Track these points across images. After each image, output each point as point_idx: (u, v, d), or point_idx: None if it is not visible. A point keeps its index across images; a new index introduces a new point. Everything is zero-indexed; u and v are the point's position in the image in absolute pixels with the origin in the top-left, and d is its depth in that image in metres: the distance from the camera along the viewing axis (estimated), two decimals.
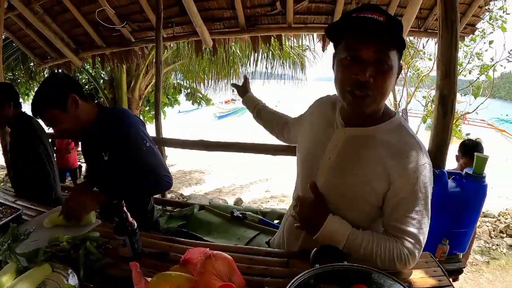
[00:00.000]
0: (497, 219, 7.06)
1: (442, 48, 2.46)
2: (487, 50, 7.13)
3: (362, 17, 1.03)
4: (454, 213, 2.38)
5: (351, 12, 1.07)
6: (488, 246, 5.79)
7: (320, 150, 1.26)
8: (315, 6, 3.85)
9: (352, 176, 1.19)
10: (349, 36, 1.07)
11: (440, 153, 2.50)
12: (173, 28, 4.34)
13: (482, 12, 4.21)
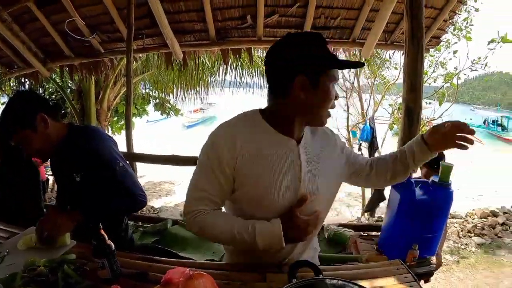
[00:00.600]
0: (464, 219, 7.24)
1: (408, 63, 2.56)
2: (451, 59, 7.47)
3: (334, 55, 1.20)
4: (422, 220, 2.44)
5: (325, 44, 1.18)
6: (457, 246, 5.95)
7: (290, 167, 1.25)
8: (285, 20, 3.94)
9: (328, 178, 1.34)
10: (334, 67, 1.19)
11: None
12: (143, 40, 4.29)
13: (447, 25, 4.41)
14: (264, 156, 1.21)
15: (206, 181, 1.24)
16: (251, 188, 1.23)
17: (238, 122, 1.24)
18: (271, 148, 1.22)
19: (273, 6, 3.81)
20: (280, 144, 1.23)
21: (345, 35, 4.19)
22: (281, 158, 1.22)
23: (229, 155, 1.19)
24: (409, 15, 2.52)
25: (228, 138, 1.20)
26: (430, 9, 4.01)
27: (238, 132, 1.21)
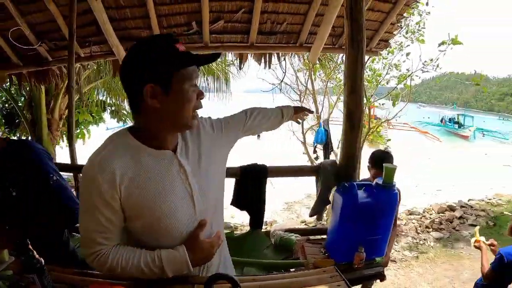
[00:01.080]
0: (422, 215, 7.49)
1: (349, 66, 2.58)
2: (404, 61, 7.73)
3: (187, 52, 1.14)
4: (367, 222, 2.44)
5: (173, 44, 1.13)
6: (416, 242, 6.13)
7: (179, 189, 1.23)
8: (231, 26, 3.92)
9: (212, 169, 1.34)
10: (180, 67, 1.13)
11: (349, 166, 2.62)
12: (90, 48, 4.15)
13: (395, 29, 4.51)
14: (146, 178, 1.15)
15: (94, 220, 1.15)
16: (144, 217, 1.18)
17: (109, 149, 1.15)
18: (150, 166, 1.17)
19: (218, 12, 3.77)
20: (158, 159, 1.19)
21: (292, 40, 4.21)
22: (164, 173, 1.19)
23: (110, 187, 1.11)
24: (349, 18, 2.53)
25: (105, 168, 1.10)
26: (378, 12, 4.10)
27: (112, 159, 1.12)
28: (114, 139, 1.19)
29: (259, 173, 2.69)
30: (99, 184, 1.09)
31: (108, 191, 1.10)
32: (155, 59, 1.09)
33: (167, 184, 1.18)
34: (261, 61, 4.36)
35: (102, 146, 1.17)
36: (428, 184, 12.63)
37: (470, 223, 6.86)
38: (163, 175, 1.18)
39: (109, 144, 1.17)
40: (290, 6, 3.84)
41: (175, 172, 1.21)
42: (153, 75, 1.09)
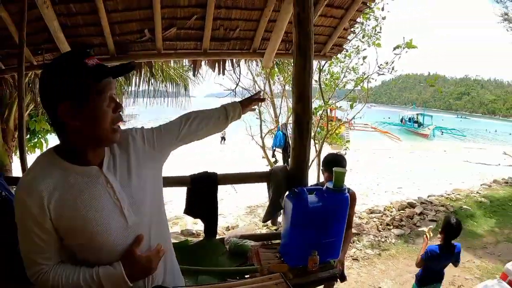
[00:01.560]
0: (383, 213, 7.64)
1: (296, 74, 2.62)
2: (362, 64, 7.94)
3: (98, 65, 1.13)
4: (319, 226, 2.48)
5: (82, 60, 1.11)
6: (377, 240, 6.25)
7: (110, 210, 1.22)
8: (184, 33, 3.90)
9: (144, 181, 1.33)
10: (101, 84, 1.14)
11: (300, 172, 2.66)
12: (43, 55, 4.01)
13: (348, 34, 4.63)
14: (74, 197, 1.15)
15: (30, 242, 1.16)
16: (77, 236, 1.18)
17: (36, 170, 1.16)
18: (77, 185, 1.17)
19: (171, 19, 3.74)
20: (84, 177, 1.19)
21: (246, 46, 4.24)
22: (91, 191, 1.18)
23: (39, 209, 1.11)
24: (297, 26, 2.58)
25: (32, 191, 1.11)
26: (330, 18, 4.20)
27: (39, 180, 1.12)
28: (40, 160, 1.19)
29: (209, 181, 2.69)
30: (28, 207, 1.10)
31: (38, 214, 1.11)
32: (64, 77, 1.08)
33: (95, 201, 1.18)
34: (215, 67, 4.36)
35: (31, 166, 1.18)
36: (389, 182, 12.98)
37: (430, 218, 7.09)
38: (90, 192, 1.18)
39: (35, 166, 1.17)
40: (242, 13, 3.87)
41: (102, 188, 1.21)
42: (64, 93, 1.09)
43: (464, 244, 5.98)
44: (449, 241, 3.43)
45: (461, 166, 17.42)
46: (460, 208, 7.64)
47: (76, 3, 3.49)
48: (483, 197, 8.57)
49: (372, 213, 7.75)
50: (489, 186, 10.23)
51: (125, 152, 1.32)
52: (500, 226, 6.88)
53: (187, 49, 4.07)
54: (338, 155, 3.17)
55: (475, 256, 5.58)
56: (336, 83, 8.18)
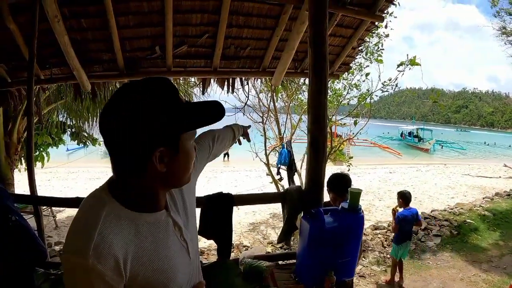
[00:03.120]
0: (387, 229, 7.60)
1: (312, 95, 2.63)
2: (364, 81, 8.03)
3: (190, 103, 1.03)
4: (335, 246, 2.50)
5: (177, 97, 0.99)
6: (383, 256, 6.20)
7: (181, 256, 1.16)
8: (194, 50, 3.91)
9: (194, 212, 1.32)
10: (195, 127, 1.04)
11: (315, 193, 2.65)
12: (50, 70, 4.01)
13: (356, 53, 4.66)
14: (148, 250, 1.01)
15: None
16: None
17: (101, 228, 0.92)
18: (150, 236, 1.03)
19: (182, 36, 3.76)
20: (155, 225, 1.06)
21: (255, 65, 4.26)
22: (163, 239, 1.07)
23: (114, 274, 0.92)
24: (312, 47, 2.61)
25: (104, 256, 0.90)
26: (339, 38, 4.22)
27: (110, 242, 0.92)
28: (100, 211, 0.96)
29: (225, 202, 2.67)
30: (101, 274, 0.89)
31: (113, 278, 0.91)
32: (165, 120, 0.94)
33: (168, 250, 1.08)
34: (224, 85, 4.37)
35: (86, 224, 0.94)
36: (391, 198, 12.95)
37: (435, 233, 7.05)
38: (163, 241, 1.07)
39: (95, 221, 0.93)
40: (254, 32, 3.89)
41: (171, 232, 1.11)
42: (165, 139, 0.95)
43: (469, 258, 5.98)
44: (407, 206, 5.15)
45: (463, 180, 17.42)
46: (464, 222, 7.60)
47: (87, 18, 3.50)
48: (486, 211, 8.54)
49: (377, 229, 7.71)
50: (491, 199, 10.22)
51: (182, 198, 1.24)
52: (505, 239, 6.87)
53: (197, 66, 4.07)
54: (343, 175, 3.17)
55: (481, 270, 5.56)
56: (339, 100, 8.24)
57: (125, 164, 0.98)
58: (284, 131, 9.02)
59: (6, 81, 4.15)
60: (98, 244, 0.89)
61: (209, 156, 1.56)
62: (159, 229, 1.06)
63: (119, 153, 0.97)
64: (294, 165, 6.92)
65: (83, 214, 0.97)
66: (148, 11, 3.51)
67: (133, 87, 0.96)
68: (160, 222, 1.07)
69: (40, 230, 3.52)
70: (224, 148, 1.73)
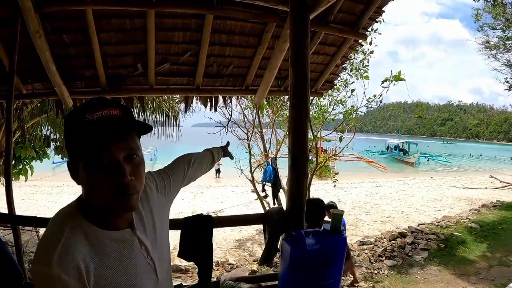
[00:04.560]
0: (374, 244, 7.58)
1: (293, 115, 2.62)
2: (350, 97, 8.13)
3: (101, 120, 1.00)
4: (317, 269, 2.46)
5: (83, 113, 1.00)
6: (370, 272, 6.17)
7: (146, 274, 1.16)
8: (177, 68, 3.88)
9: (165, 233, 1.32)
10: (95, 143, 0.99)
11: (297, 214, 2.62)
12: (32, 85, 3.94)
13: (339, 70, 4.68)
14: (111, 266, 1.03)
15: None
16: None
17: (65, 240, 0.97)
18: (113, 253, 1.05)
19: (165, 54, 3.73)
20: (118, 242, 1.08)
21: (238, 83, 4.24)
22: (127, 256, 1.09)
23: (79, 284, 0.94)
24: (293, 67, 2.60)
25: (67, 266, 0.93)
26: (323, 55, 4.24)
27: (72, 251, 0.96)
28: (65, 225, 1.01)
29: (204, 224, 2.62)
30: (65, 283, 0.92)
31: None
32: (68, 135, 1.05)
33: (132, 268, 1.09)
34: (207, 103, 4.34)
35: (52, 237, 0.99)
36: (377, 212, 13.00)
37: (422, 247, 7.06)
38: (127, 259, 1.09)
39: (60, 232, 0.99)
40: (236, 50, 3.88)
41: (137, 251, 1.13)
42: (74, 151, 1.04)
43: (457, 271, 6.00)
44: None
45: (449, 192, 17.61)
46: (451, 235, 7.66)
47: (70, 34, 3.46)
48: (473, 222, 8.63)
49: (363, 244, 7.69)
50: (478, 210, 10.34)
51: (147, 206, 1.25)
52: (492, 250, 6.91)
53: (180, 84, 4.04)
54: (312, 200, 3.23)
55: (469, 282, 5.57)
56: (325, 116, 8.29)
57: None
58: (269, 147, 9.03)
59: None
60: (61, 255, 0.94)
61: (184, 180, 1.58)
62: (124, 246, 1.09)
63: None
64: (279, 182, 6.91)
65: (50, 229, 1.02)
66: (131, 28, 3.48)
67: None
68: (125, 240, 1.10)
69: (18, 250, 3.41)
70: (201, 172, 1.76)
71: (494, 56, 15.04)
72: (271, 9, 3.29)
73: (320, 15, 3.01)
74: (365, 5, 3.61)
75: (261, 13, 3.44)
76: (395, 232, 8.19)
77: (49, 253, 0.94)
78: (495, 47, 14.76)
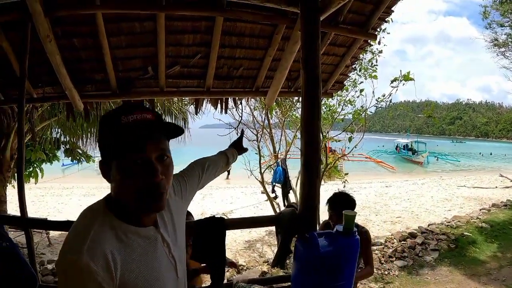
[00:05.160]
0: (384, 245, 7.52)
1: (305, 117, 2.62)
2: (358, 96, 8.06)
3: (136, 122, 1.07)
4: (330, 270, 2.46)
5: (119, 116, 1.07)
6: (380, 273, 6.11)
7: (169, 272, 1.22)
8: (187, 71, 3.89)
9: (183, 233, 1.37)
10: (131, 144, 1.06)
11: (309, 216, 2.61)
12: (43, 88, 3.97)
13: (349, 71, 4.66)
14: (136, 260, 1.08)
15: None
16: None
17: (94, 232, 1.02)
18: (139, 248, 1.11)
19: (175, 57, 3.74)
20: (144, 238, 1.14)
21: (248, 85, 4.25)
22: (152, 252, 1.15)
23: (107, 274, 0.98)
24: (305, 71, 2.60)
25: (96, 255, 0.97)
26: (332, 56, 4.23)
27: (101, 243, 1.01)
28: (95, 219, 1.07)
29: (216, 227, 2.63)
30: (94, 272, 0.95)
31: (104, 279, 0.96)
32: (103, 136, 1.12)
33: (156, 263, 1.15)
34: (217, 105, 4.35)
35: (82, 229, 1.04)
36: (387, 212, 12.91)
37: (432, 248, 6.96)
38: (151, 254, 1.14)
39: (90, 227, 1.04)
40: (246, 52, 3.89)
41: (160, 248, 1.18)
42: (108, 153, 1.10)
43: (468, 271, 5.91)
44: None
45: (459, 191, 17.41)
46: (461, 235, 7.54)
47: (79, 38, 3.49)
48: (483, 222, 8.48)
49: (374, 245, 7.62)
50: (488, 210, 10.17)
51: (167, 207, 1.29)
52: (503, 251, 6.79)
53: (190, 86, 4.06)
54: (347, 195, 3.11)
55: (480, 283, 5.48)
56: (334, 116, 8.25)
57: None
58: (279, 149, 9.02)
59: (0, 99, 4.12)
60: (91, 246, 0.98)
61: (199, 184, 1.63)
62: (149, 243, 1.15)
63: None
64: (288, 183, 6.90)
65: (81, 221, 1.08)
66: (141, 31, 3.50)
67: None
68: (149, 237, 1.16)
69: (31, 253, 3.44)
70: (215, 175, 1.81)
71: (503, 53, 14.91)
72: (281, 10, 3.30)
73: (330, 16, 3.00)
74: (375, 5, 3.60)
75: (271, 15, 3.44)
76: (405, 232, 8.10)
77: (79, 243, 0.99)
78: (503, 45, 14.63)
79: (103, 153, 1.12)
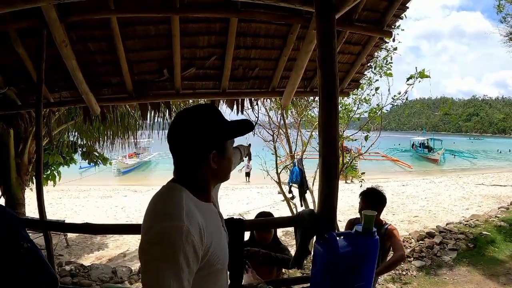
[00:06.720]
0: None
1: (323, 117, 2.59)
2: (374, 94, 8.03)
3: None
4: (350, 271, 2.43)
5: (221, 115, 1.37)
6: (398, 273, 6.05)
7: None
8: (202, 72, 3.91)
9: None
10: (237, 136, 1.38)
11: (328, 216, 2.59)
12: (59, 93, 4.03)
13: (365, 69, 4.61)
14: (211, 228, 1.25)
15: (180, 280, 1.04)
16: (212, 267, 1.24)
17: (187, 203, 1.19)
18: (210, 218, 1.29)
19: (190, 59, 3.76)
20: (211, 211, 1.36)
21: (264, 85, 4.24)
22: (216, 224, 1.37)
23: (200, 239, 1.14)
24: (322, 69, 2.57)
25: (193, 222, 1.14)
26: (348, 55, 4.18)
27: (194, 213, 1.18)
28: (180, 194, 1.23)
29: (235, 228, 2.62)
30: (192, 237, 1.10)
31: (198, 245, 1.12)
32: (218, 131, 1.31)
33: (222, 234, 1.39)
34: (233, 106, 4.35)
35: (175, 199, 1.20)
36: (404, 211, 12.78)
37: (451, 247, 6.85)
38: (218, 225, 1.38)
39: (181, 198, 1.20)
40: (262, 52, 3.88)
41: (219, 221, 1.43)
42: (215, 144, 1.30)
43: (487, 271, 5.80)
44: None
45: (477, 190, 17.14)
46: (480, 234, 7.38)
47: (95, 42, 3.53)
48: (502, 221, 8.29)
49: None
50: (507, 208, 9.91)
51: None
52: None
53: (206, 88, 4.07)
54: (378, 190, 3.35)
55: (499, 283, 5.36)
56: (349, 115, 8.19)
57: (190, 163, 1.30)
58: (295, 149, 8.99)
59: (17, 104, 4.17)
60: (188, 212, 1.15)
61: None
62: (216, 215, 1.41)
63: (187, 155, 1.30)
64: (305, 183, 6.87)
65: (167, 196, 1.26)
66: (155, 34, 3.53)
67: (192, 111, 1.38)
68: (214, 211, 1.42)
69: (49, 254, 3.49)
70: (234, 166, 2.04)
71: None
72: (295, 10, 3.28)
73: (344, 14, 2.96)
74: (389, 2, 3.55)
75: (285, 15, 3.43)
76: (423, 232, 7.97)
77: (178, 210, 1.15)
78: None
79: (205, 145, 1.29)
